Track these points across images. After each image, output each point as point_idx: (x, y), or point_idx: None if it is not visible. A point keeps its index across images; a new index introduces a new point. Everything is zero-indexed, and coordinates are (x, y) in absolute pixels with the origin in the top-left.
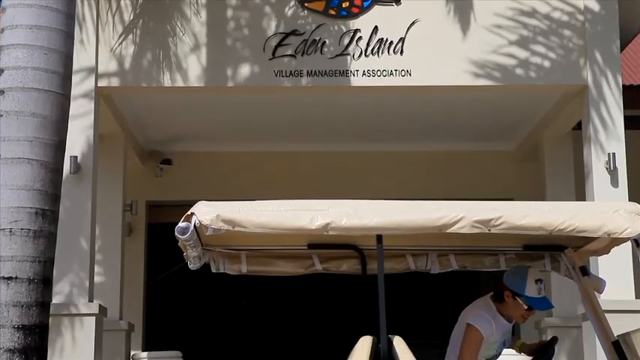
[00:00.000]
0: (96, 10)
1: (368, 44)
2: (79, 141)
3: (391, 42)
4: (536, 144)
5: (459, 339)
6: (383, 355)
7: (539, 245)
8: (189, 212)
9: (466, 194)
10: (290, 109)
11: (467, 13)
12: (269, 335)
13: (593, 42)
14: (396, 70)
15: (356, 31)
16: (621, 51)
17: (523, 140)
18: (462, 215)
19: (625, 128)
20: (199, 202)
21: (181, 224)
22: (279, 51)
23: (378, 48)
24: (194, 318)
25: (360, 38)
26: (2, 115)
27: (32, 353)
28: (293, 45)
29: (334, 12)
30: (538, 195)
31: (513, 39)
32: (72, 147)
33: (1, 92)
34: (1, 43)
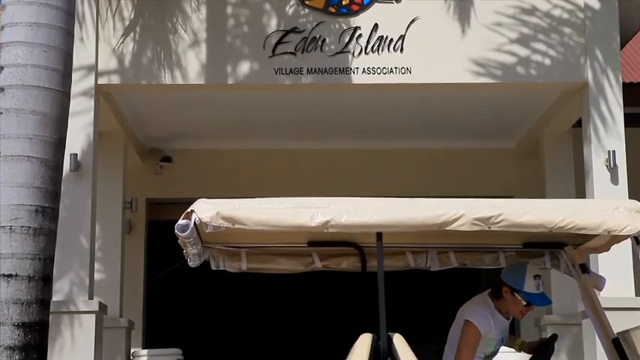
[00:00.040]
0: (96, 8)
1: (368, 42)
2: (79, 139)
3: (391, 39)
4: (536, 141)
5: (457, 336)
6: (383, 353)
7: (539, 243)
8: (189, 210)
9: (466, 192)
10: (290, 107)
11: (467, 11)
12: (269, 333)
13: (593, 39)
14: (396, 68)
15: (356, 29)
16: (621, 48)
17: (523, 138)
18: (462, 213)
19: (625, 126)
20: (199, 200)
21: (181, 222)
22: (279, 48)
23: (378, 45)
24: (194, 315)
25: (360, 36)
26: (2, 113)
27: (32, 351)
28: (293, 42)
29: (334, 9)
30: (538, 192)
31: (513, 36)
32: (72, 144)
33: (1, 90)
34: (1, 41)
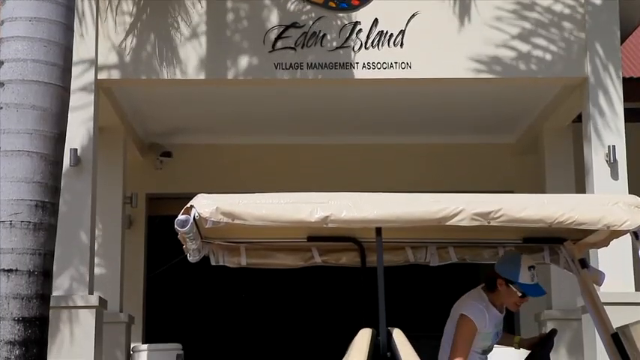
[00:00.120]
0: (95, 3)
1: (368, 37)
2: (79, 133)
3: (391, 34)
4: (536, 136)
5: (453, 332)
6: (382, 348)
7: (538, 238)
8: (188, 205)
9: (466, 187)
10: (290, 102)
11: (467, 6)
12: (269, 328)
13: (593, 34)
14: (396, 63)
15: (356, 24)
16: (621, 43)
17: (523, 133)
18: (462, 208)
19: (625, 121)
20: (199, 195)
21: (181, 217)
22: (279, 43)
23: (378, 40)
24: (194, 310)
25: (360, 31)
26: (2, 108)
27: (32, 345)
28: (293, 37)
29: (334, 4)
30: (538, 187)
31: (514, 32)
32: (72, 139)
33: (1, 85)
34: (1, 36)
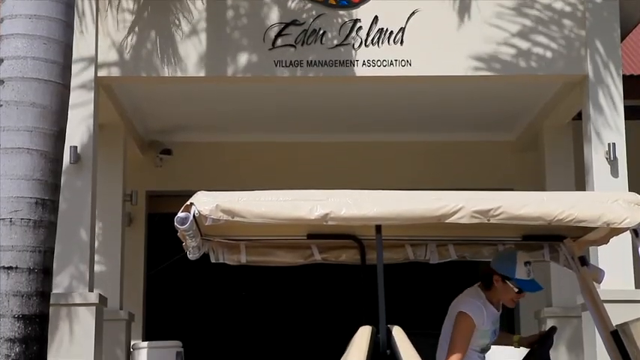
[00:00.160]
0: (95, 0)
1: (368, 34)
2: (79, 131)
3: (391, 32)
4: (536, 134)
5: (450, 330)
6: (382, 345)
7: (538, 235)
8: (188, 202)
9: (466, 184)
10: (290, 100)
11: (467, 3)
12: (269, 325)
13: (593, 32)
14: (396, 60)
15: (356, 21)
16: (621, 41)
17: (523, 130)
18: (461, 205)
19: (625, 118)
20: (198, 192)
21: (180, 214)
22: (279, 41)
23: (378, 38)
24: (194, 308)
25: (360, 28)
26: (2, 105)
27: (32, 343)
28: (293, 35)
29: (334, 2)
30: (538, 185)
31: (514, 29)
32: (72, 137)
33: (1, 82)
34: (1, 33)
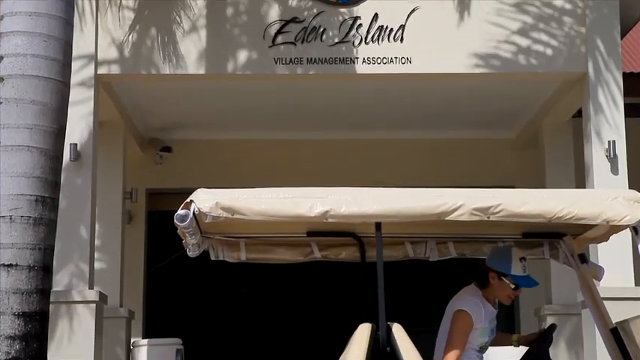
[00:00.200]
0: None
1: (368, 32)
2: (79, 128)
3: (391, 29)
4: (536, 132)
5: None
6: (382, 343)
7: (538, 233)
8: (188, 200)
9: (466, 182)
10: (290, 97)
11: (467, 0)
12: (269, 323)
13: (593, 29)
14: (396, 58)
15: (356, 19)
16: (622, 38)
17: (523, 128)
18: (461, 203)
19: (625, 116)
20: (198, 190)
21: (180, 212)
22: (279, 38)
23: (379, 35)
24: (194, 305)
25: (360, 25)
26: (2, 103)
27: (32, 340)
28: (293, 32)
29: None
30: (538, 183)
31: (514, 26)
32: (71, 134)
33: (1, 79)
34: (1, 30)
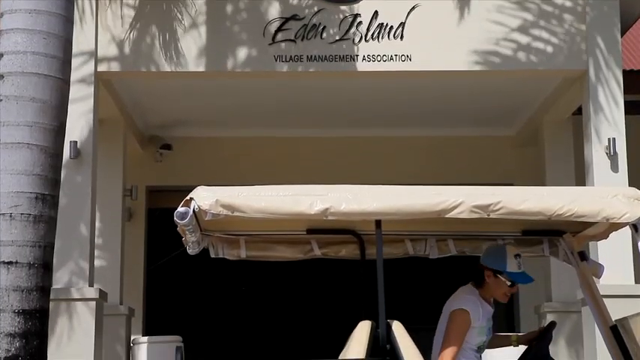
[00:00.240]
0: None
1: (368, 29)
2: (79, 126)
3: (391, 27)
4: (536, 129)
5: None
6: (382, 340)
7: (537, 230)
8: (188, 197)
9: (466, 179)
10: (290, 95)
11: None
12: (269, 320)
13: (594, 27)
14: (396, 55)
15: (356, 16)
16: (622, 36)
17: (523, 125)
18: (461, 200)
19: (625, 113)
20: (198, 187)
21: (180, 209)
22: (279, 36)
23: (378, 33)
24: (194, 303)
25: (360, 23)
26: (2, 100)
27: (33, 338)
28: (293, 30)
29: None
30: (538, 180)
31: (514, 24)
32: (71, 132)
33: (1, 77)
34: (1, 28)
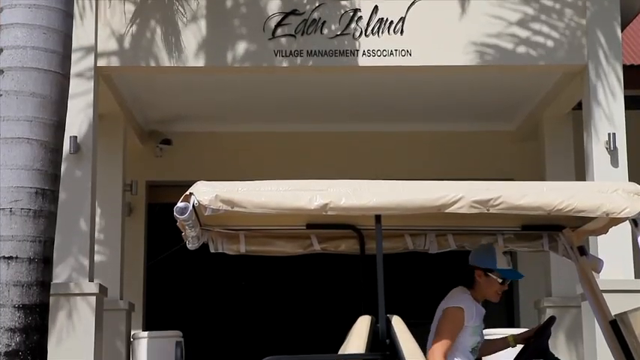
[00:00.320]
0: None
1: (368, 24)
2: (79, 121)
3: (391, 22)
4: (536, 124)
5: None
6: (381, 335)
7: (537, 225)
8: (187, 192)
9: (466, 174)
10: (290, 90)
11: None
12: (269, 315)
13: (594, 21)
14: (397, 50)
15: (356, 11)
16: (622, 30)
17: (523, 120)
18: (461, 195)
19: (625, 108)
20: (198, 182)
21: (180, 204)
22: (279, 31)
23: (379, 28)
24: (194, 298)
25: (360, 18)
26: (2, 95)
27: (33, 332)
28: (293, 25)
29: None
30: (538, 175)
31: (514, 18)
32: (71, 127)
33: (1, 72)
34: (1, 23)
